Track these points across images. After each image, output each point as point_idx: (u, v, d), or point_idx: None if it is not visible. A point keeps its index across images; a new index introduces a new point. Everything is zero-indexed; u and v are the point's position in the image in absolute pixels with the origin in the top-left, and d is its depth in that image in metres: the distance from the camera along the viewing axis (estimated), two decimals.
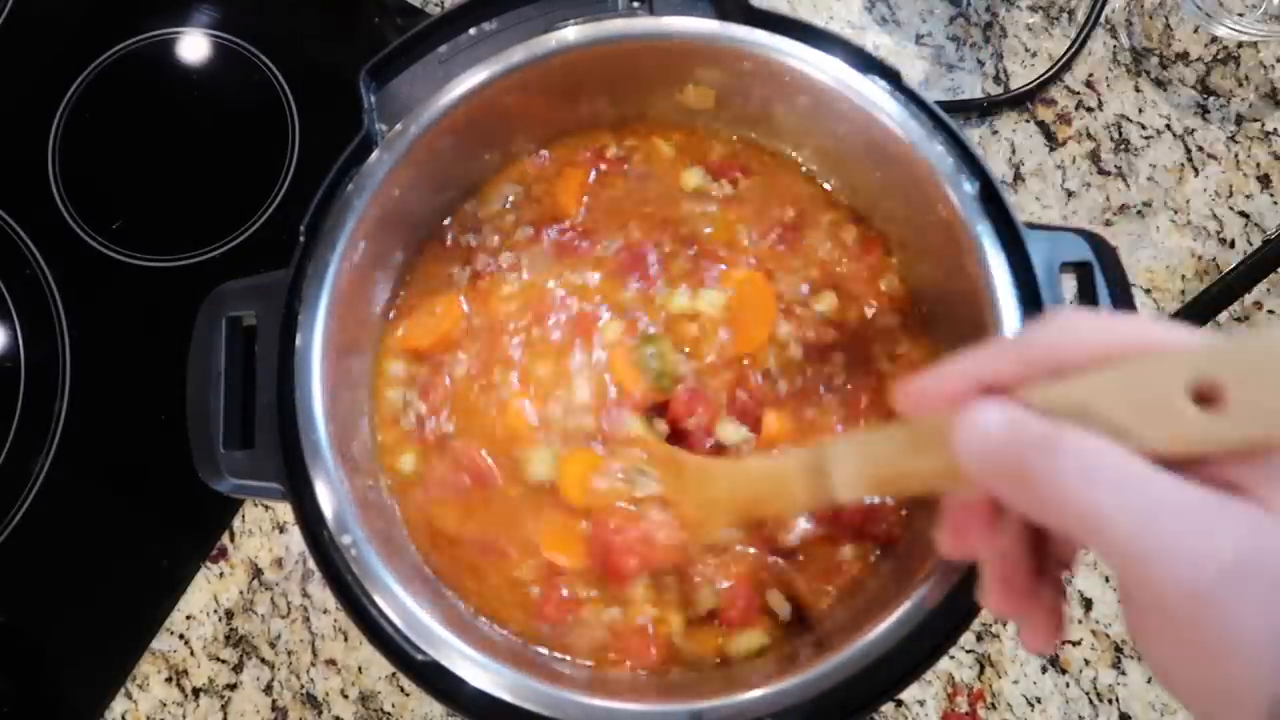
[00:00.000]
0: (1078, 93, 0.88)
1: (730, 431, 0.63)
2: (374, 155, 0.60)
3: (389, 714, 0.76)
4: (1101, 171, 0.85)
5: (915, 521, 0.64)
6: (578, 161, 0.71)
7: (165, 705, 0.78)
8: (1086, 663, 0.75)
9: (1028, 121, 0.87)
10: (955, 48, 0.90)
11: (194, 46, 0.95)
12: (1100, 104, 0.87)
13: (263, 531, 0.81)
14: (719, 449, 0.64)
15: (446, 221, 0.70)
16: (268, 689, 0.77)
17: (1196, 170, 0.85)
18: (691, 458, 0.60)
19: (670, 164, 0.71)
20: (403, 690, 0.77)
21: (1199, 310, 0.76)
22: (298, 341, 0.57)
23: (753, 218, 0.69)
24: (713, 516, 0.58)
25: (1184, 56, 0.88)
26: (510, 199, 0.70)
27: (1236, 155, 0.85)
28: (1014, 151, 0.86)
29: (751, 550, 0.62)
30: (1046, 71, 0.87)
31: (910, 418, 0.42)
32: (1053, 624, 0.40)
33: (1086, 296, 0.58)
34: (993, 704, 0.75)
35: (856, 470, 0.46)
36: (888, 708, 0.75)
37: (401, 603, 0.54)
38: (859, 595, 0.61)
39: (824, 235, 0.68)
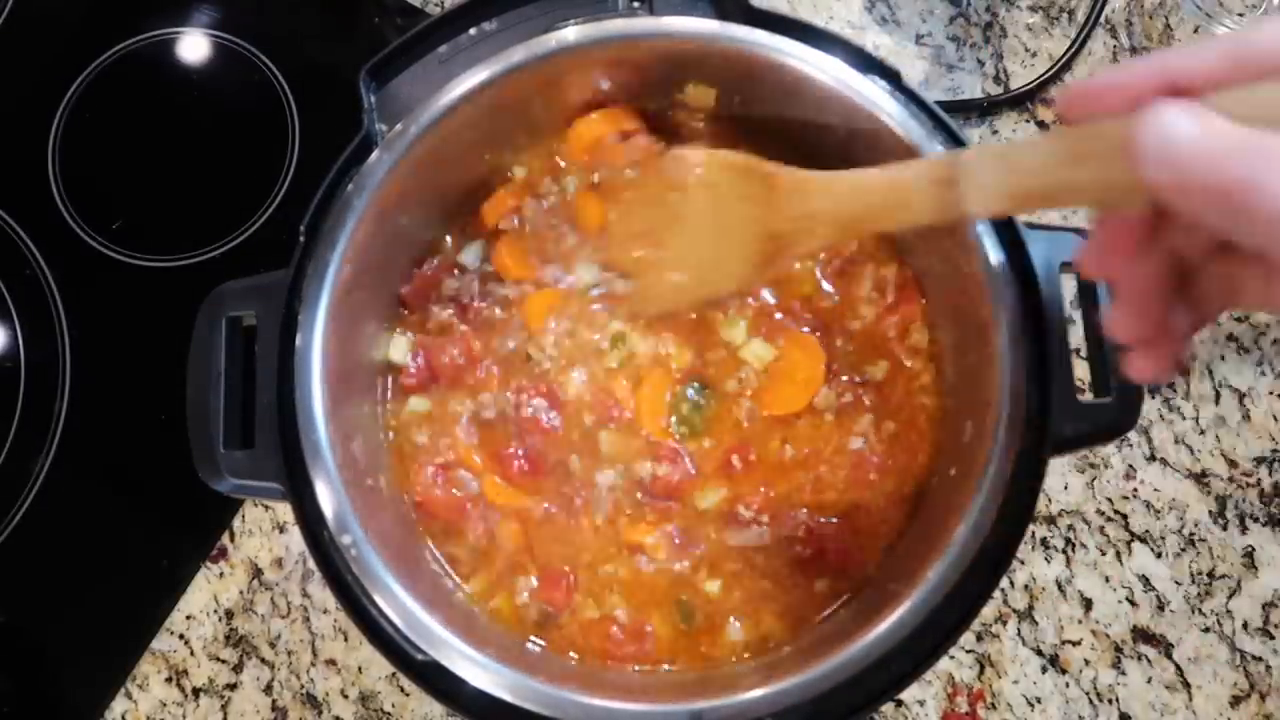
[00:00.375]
0: None
1: (710, 495, 0.64)
2: (374, 155, 0.60)
3: (389, 714, 0.76)
4: None
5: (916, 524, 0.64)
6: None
7: (165, 705, 0.78)
8: (1086, 663, 0.75)
9: (1028, 121, 0.87)
10: (955, 48, 0.90)
11: (194, 46, 0.95)
12: None
13: (263, 531, 0.81)
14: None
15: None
16: (268, 689, 0.77)
17: None
18: (785, 169, 0.56)
19: None
20: (403, 690, 0.77)
21: None
22: (298, 341, 0.57)
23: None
24: (811, 231, 0.55)
25: None
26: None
27: None
28: None
29: None
30: (1046, 71, 0.87)
31: (1071, 125, 0.37)
32: (1172, 356, 0.37)
33: (1086, 296, 0.58)
34: (993, 704, 0.75)
35: (996, 183, 0.41)
36: (888, 708, 0.75)
37: (401, 603, 0.54)
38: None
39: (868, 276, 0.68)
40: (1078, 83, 0.36)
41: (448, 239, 0.70)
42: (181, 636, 0.79)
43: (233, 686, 0.78)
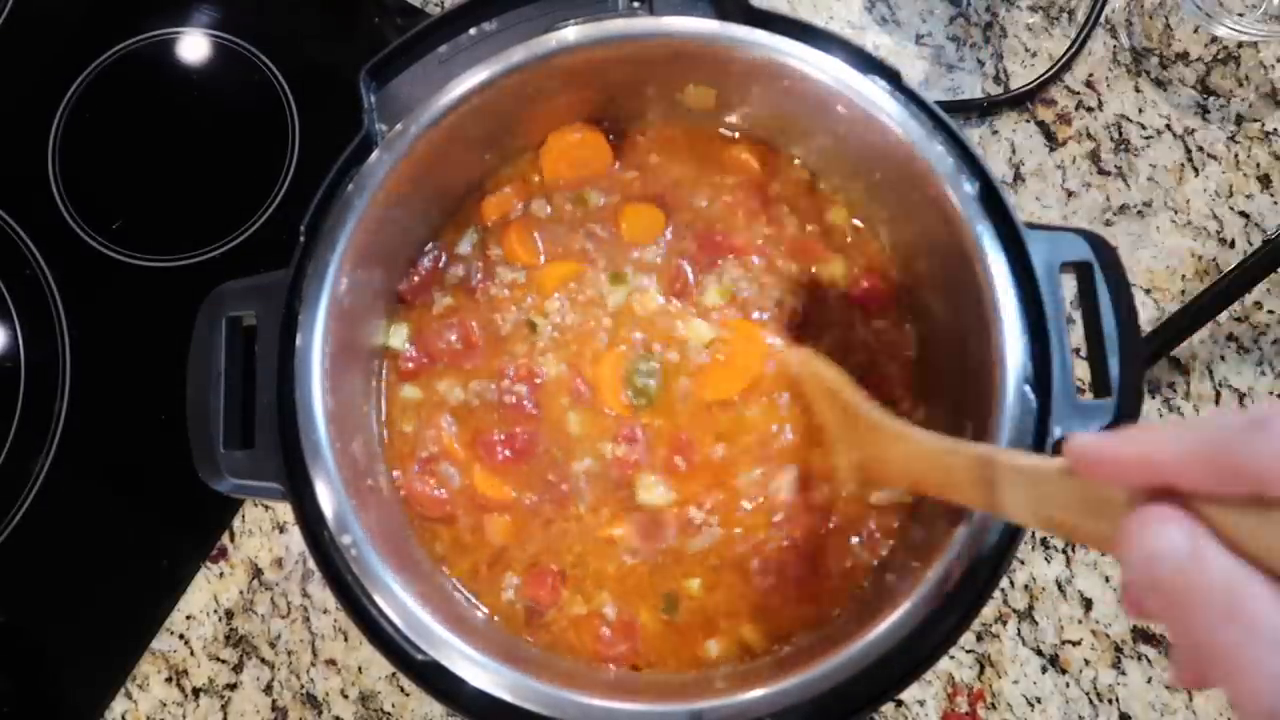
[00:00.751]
0: (1078, 93, 0.88)
1: (655, 491, 0.65)
2: (374, 155, 0.60)
3: (389, 714, 0.76)
4: (1101, 171, 0.85)
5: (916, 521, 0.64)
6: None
7: (165, 705, 0.78)
8: (1086, 663, 0.75)
9: (1028, 121, 0.87)
10: (955, 48, 0.89)
11: (194, 46, 0.95)
12: (1100, 104, 0.87)
13: (263, 531, 0.81)
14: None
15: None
16: (268, 689, 0.77)
17: (1196, 170, 0.85)
18: (865, 407, 0.59)
19: None
20: (403, 690, 0.77)
21: (1199, 310, 0.76)
22: (298, 341, 0.57)
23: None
24: (882, 477, 0.59)
25: (1184, 56, 0.88)
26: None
27: (1236, 155, 0.85)
28: (1014, 151, 0.86)
29: None
30: (1046, 71, 0.87)
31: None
32: None
33: (1087, 297, 0.58)
34: (993, 704, 0.75)
35: (1026, 502, 0.43)
36: (888, 708, 0.75)
37: (401, 603, 0.54)
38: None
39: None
40: (1080, 443, 0.35)
41: (448, 236, 0.71)
42: (181, 636, 0.79)
43: (233, 686, 0.78)
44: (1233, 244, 0.83)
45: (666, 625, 0.64)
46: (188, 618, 0.79)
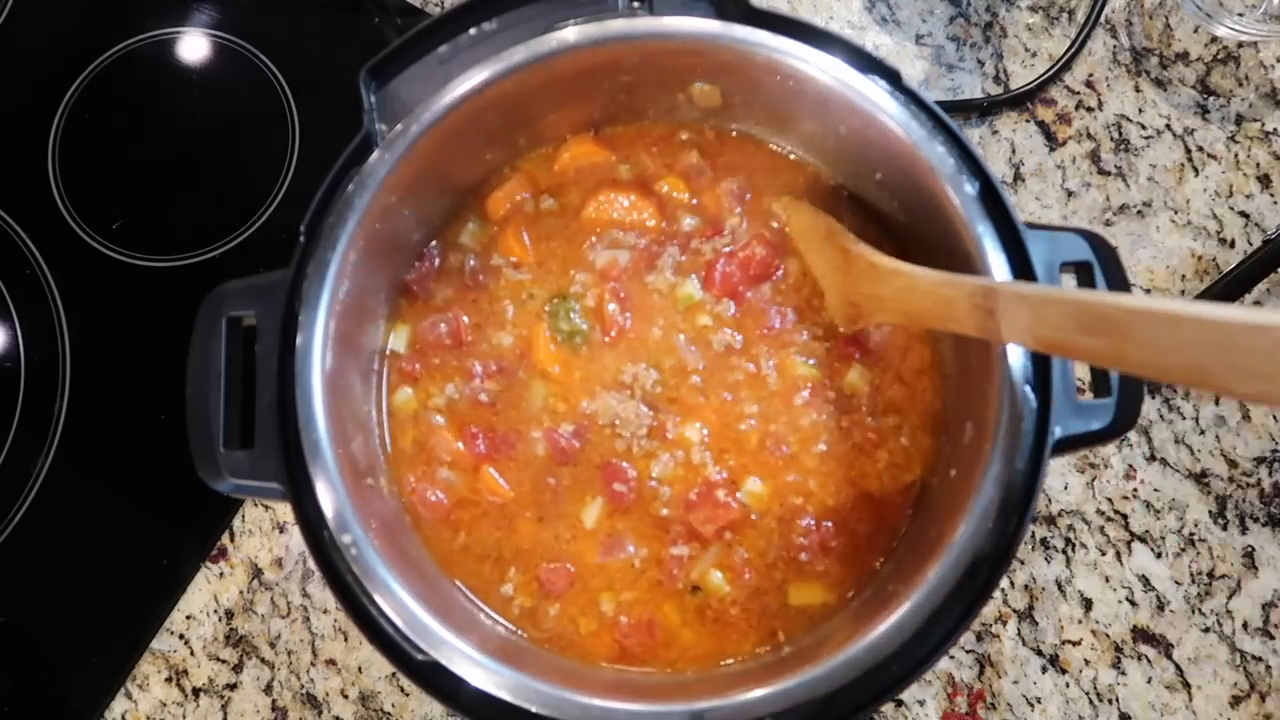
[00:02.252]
0: (1078, 93, 0.88)
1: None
2: (374, 155, 0.60)
3: (389, 714, 0.76)
4: (1101, 171, 0.85)
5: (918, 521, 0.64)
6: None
7: (165, 705, 0.78)
8: (1086, 663, 0.75)
9: (1028, 121, 0.87)
10: (955, 48, 0.89)
11: (194, 46, 0.95)
12: (1100, 104, 0.87)
13: (263, 531, 0.81)
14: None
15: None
16: (268, 689, 0.77)
17: (1196, 170, 0.85)
18: (859, 247, 0.62)
19: None
20: (403, 690, 0.77)
21: None
22: (298, 341, 0.57)
23: None
24: (873, 312, 0.62)
25: (1184, 56, 0.88)
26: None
27: (1236, 155, 0.85)
28: (1014, 151, 0.86)
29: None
30: (1046, 71, 0.87)
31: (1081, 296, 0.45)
32: None
33: None
34: (993, 704, 0.75)
35: (1026, 325, 0.48)
36: (888, 708, 0.75)
37: (401, 603, 0.54)
38: None
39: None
40: None
41: (448, 234, 0.71)
42: (181, 636, 0.79)
43: (233, 686, 0.78)
44: (1233, 244, 0.83)
45: (693, 616, 0.64)
46: (188, 618, 0.79)
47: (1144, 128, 0.86)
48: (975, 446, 0.56)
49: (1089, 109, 0.87)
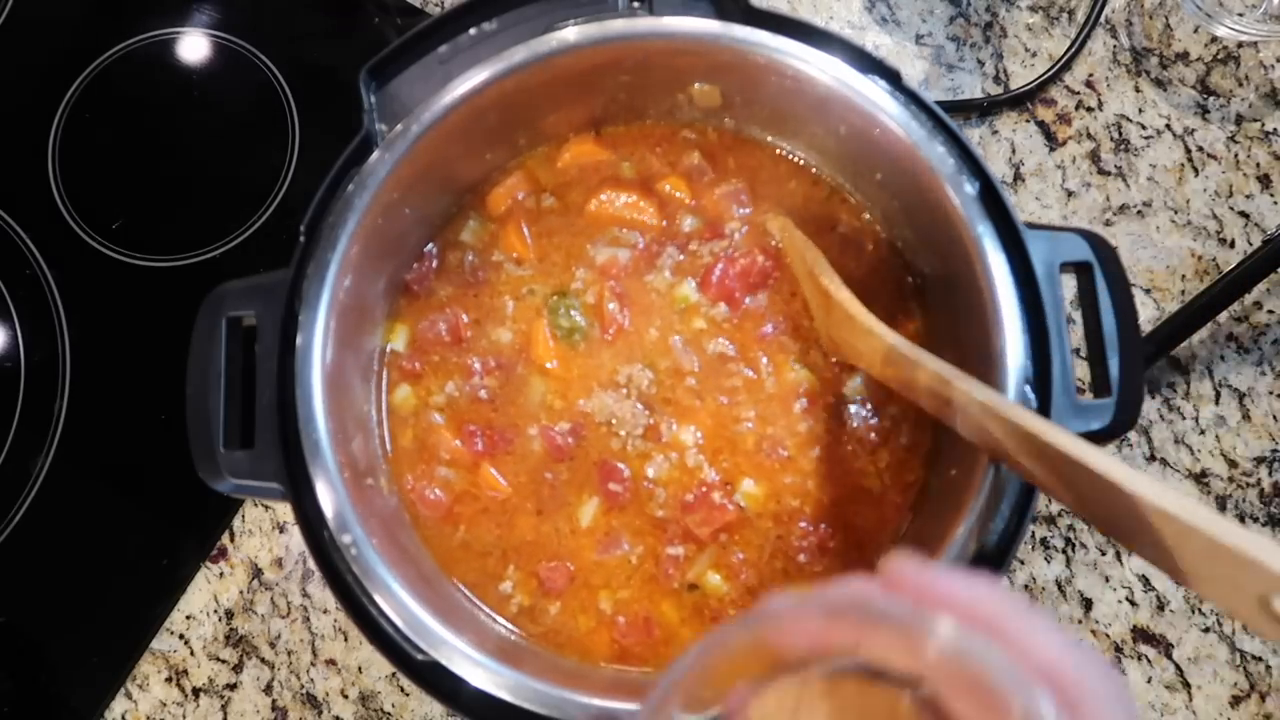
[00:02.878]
0: (1078, 93, 0.88)
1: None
2: (374, 155, 0.60)
3: (389, 714, 0.76)
4: (1101, 171, 0.85)
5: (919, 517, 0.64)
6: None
7: (165, 705, 0.78)
8: None
9: (1028, 121, 0.87)
10: (955, 48, 0.89)
11: (194, 46, 0.95)
12: (1100, 104, 0.87)
13: (263, 531, 0.81)
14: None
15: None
16: (268, 689, 0.77)
17: (1196, 170, 0.85)
18: (841, 294, 0.62)
19: None
20: (403, 690, 0.77)
21: (1199, 310, 0.76)
22: (298, 341, 0.57)
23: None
24: (849, 357, 0.64)
25: (1184, 56, 0.88)
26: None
27: (1236, 155, 0.85)
28: (1014, 151, 0.86)
29: None
30: (1046, 71, 0.87)
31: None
32: None
33: (1086, 296, 0.58)
34: None
35: (972, 427, 0.51)
36: None
37: (401, 603, 0.54)
38: None
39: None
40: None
41: (448, 233, 0.71)
42: (181, 636, 0.79)
43: (233, 686, 0.78)
44: (1233, 244, 0.83)
45: (691, 614, 0.64)
46: (188, 618, 0.79)
47: (1144, 128, 0.86)
48: (975, 447, 0.56)
49: (1089, 109, 0.87)
